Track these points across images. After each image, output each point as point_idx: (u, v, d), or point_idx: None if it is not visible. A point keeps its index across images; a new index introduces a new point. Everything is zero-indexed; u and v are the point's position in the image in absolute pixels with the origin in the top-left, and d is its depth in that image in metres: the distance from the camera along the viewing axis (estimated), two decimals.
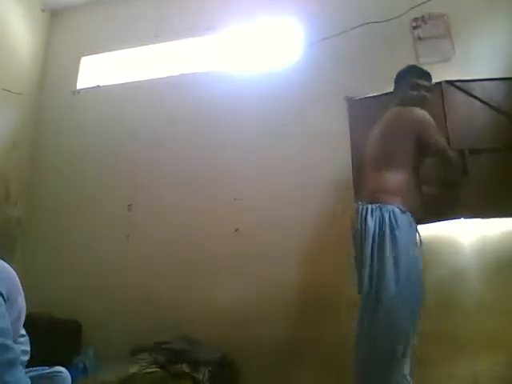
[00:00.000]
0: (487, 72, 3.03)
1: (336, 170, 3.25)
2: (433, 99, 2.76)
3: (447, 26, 3.34)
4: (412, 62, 3.34)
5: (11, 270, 1.55)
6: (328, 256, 3.14)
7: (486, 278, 2.75)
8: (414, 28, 3.39)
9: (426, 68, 2.81)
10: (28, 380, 1.46)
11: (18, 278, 1.56)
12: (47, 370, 1.75)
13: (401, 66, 2.94)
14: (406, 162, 2.44)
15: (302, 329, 3.05)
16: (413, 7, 3.35)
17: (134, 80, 4.13)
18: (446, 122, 3.07)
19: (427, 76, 2.69)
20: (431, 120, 2.50)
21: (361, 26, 3.42)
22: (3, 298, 1.43)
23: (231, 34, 4.02)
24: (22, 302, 1.57)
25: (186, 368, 2.77)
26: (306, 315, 3.08)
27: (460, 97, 3.00)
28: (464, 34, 3.28)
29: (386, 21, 3.36)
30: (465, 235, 2.93)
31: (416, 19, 3.39)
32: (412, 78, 2.66)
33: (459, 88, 3.03)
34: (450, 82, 3.07)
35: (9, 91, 3.85)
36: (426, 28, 3.38)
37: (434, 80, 3.03)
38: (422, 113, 2.51)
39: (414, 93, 2.62)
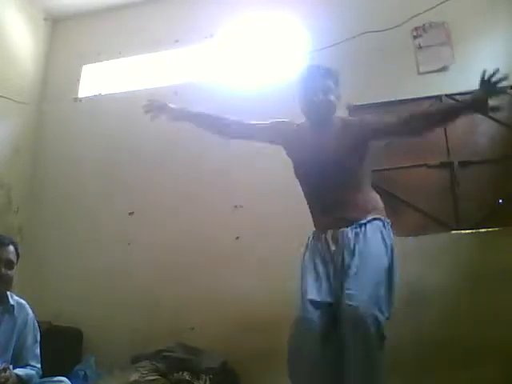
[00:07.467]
0: None
1: None
2: None
3: (447, 34, 3.35)
4: (412, 71, 3.37)
5: None
6: None
7: (487, 288, 2.75)
8: (415, 37, 3.42)
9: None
10: None
11: None
12: (49, 379, 1.77)
13: (401, 75, 2.95)
14: None
15: None
16: (413, 16, 3.37)
17: (135, 88, 4.14)
18: (446, 135, 3.10)
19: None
20: None
21: (362, 34, 3.43)
22: None
23: (231, 42, 4.03)
24: None
25: (187, 376, 2.77)
26: None
27: None
28: (464, 42, 3.30)
29: (387, 29, 3.38)
30: (464, 246, 2.94)
31: (417, 28, 3.41)
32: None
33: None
34: (450, 96, 3.09)
35: (11, 100, 3.87)
36: (427, 37, 3.40)
37: (434, 91, 3.03)
38: None
39: None
